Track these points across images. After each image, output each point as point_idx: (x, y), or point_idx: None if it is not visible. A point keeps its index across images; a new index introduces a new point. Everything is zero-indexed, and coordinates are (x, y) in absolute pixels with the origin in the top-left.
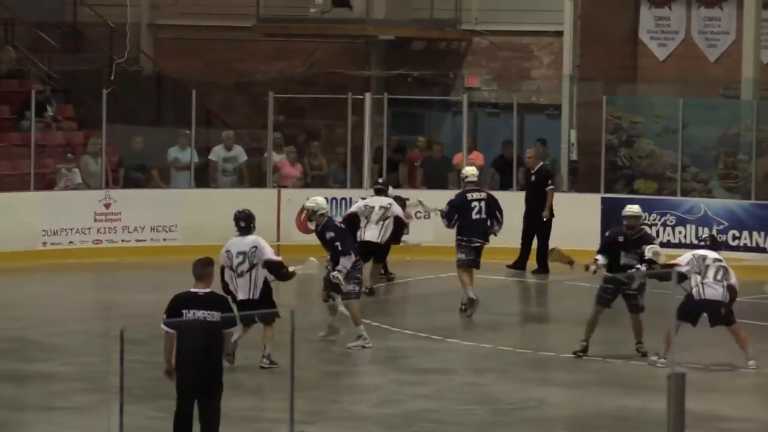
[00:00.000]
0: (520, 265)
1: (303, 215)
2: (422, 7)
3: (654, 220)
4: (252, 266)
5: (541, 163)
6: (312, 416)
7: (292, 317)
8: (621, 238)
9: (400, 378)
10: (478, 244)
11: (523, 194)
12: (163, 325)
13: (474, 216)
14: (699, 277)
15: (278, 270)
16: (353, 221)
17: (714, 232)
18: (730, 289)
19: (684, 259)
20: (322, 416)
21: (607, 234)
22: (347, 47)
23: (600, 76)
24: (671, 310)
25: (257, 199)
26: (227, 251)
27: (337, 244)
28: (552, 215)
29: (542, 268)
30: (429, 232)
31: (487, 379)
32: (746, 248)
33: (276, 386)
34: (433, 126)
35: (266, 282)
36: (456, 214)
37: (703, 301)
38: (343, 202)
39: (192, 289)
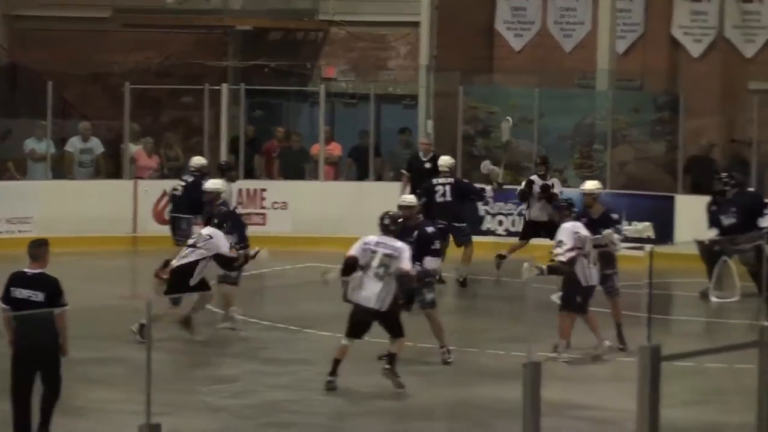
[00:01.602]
0: None
1: (159, 206)
2: None
3: (510, 209)
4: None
5: (434, 152)
6: (168, 407)
7: (149, 309)
8: (584, 220)
9: (257, 368)
10: (441, 226)
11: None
12: None
13: (438, 199)
14: (585, 261)
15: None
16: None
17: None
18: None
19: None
20: (179, 407)
21: None
22: (204, 38)
23: (456, 67)
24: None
25: (114, 191)
26: None
27: None
28: None
29: None
30: (287, 223)
31: (343, 368)
32: None
33: (131, 378)
34: (290, 116)
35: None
36: (424, 197)
37: (590, 287)
38: None
39: (24, 269)
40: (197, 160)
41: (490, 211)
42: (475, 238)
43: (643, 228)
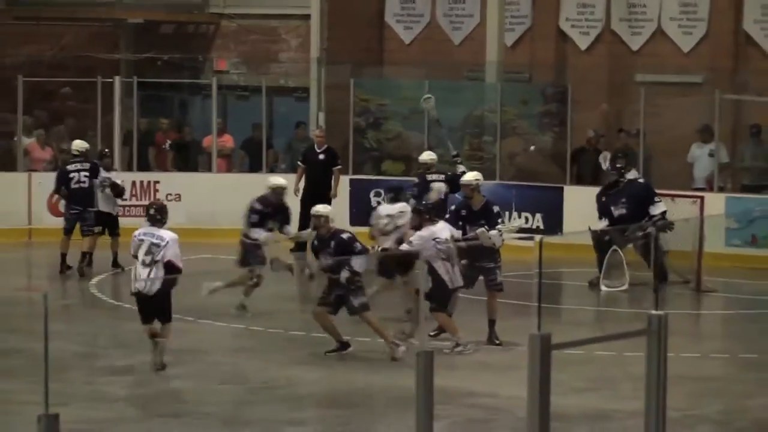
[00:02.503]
0: (304, 247)
1: (54, 198)
2: None
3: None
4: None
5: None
6: (66, 398)
7: (45, 300)
8: (464, 212)
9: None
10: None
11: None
12: None
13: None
14: (449, 264)
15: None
16: None
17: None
18: None
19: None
20: (76, 398)
21: (452, 208)
22: (97, 31)
23: (347, 59)
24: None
25: (8, 183)
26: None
27: None
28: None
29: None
30: (182, 215)
31: (240, 358)
32: None
33: (29, 369)
34: (183, 109)
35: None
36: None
37: (455, 289)
38: None
39: None
40: (80, 144)
41: (382, 202)
42: (366, 229)
43: (515, 226)
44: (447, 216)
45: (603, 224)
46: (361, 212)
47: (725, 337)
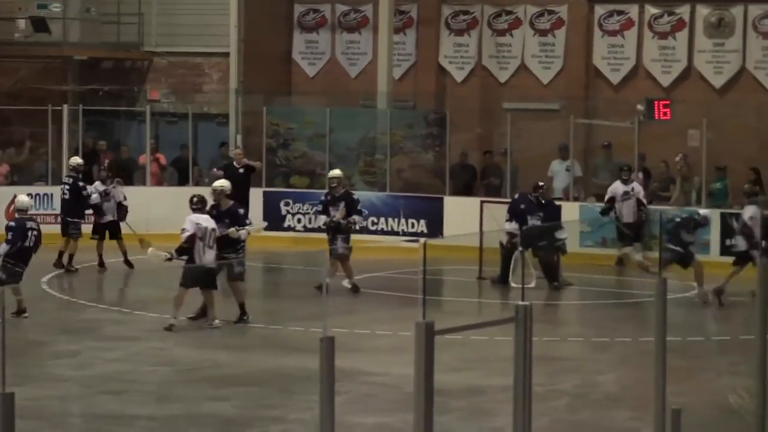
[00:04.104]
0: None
1: (11, 208)
2: (110, 32)
3: (307, 209)
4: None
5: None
6: (20, 379)
7: (2, 295)
8: (214, 212)
9: (95, 345)
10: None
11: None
12: None
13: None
14: (202, 245)
15: None
16: None
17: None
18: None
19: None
20: (30, 379)
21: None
22: (47, 66)
23: (261, 90)
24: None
25: None
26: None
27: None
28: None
29: None
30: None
31: (169, 344)
32: (383, 232)
33: None
34: (122, 132)
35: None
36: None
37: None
38: (45, 197)
39: None
40: (72, 160)
41: (291, 210)
42: (278, 234)
43: (258, 227)
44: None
45: (510, 226)
46: (272, 219)
47: (580, 323)
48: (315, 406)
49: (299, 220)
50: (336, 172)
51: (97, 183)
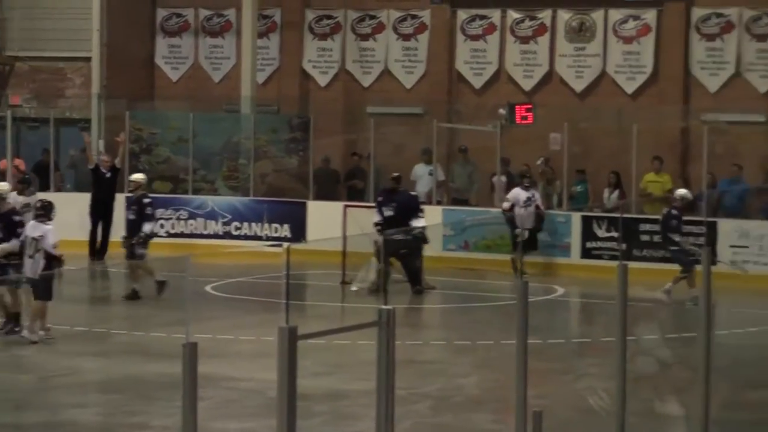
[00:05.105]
0: (100, 255)
1: None
2: None
3: (170, 215)
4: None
5: (112, 163)
6: None
7: None
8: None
9: None
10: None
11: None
12: None
13: (130, 217)
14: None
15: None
16: None
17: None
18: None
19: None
20: None
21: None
22: None
23: (124, 95)
24: None
25: None
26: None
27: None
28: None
29: (101, 255)
30: None
31: (30, 351)
32: (246, 237)
33: None
34: None
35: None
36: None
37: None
38: None
39: None
40: None
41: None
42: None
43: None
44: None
45: (377, 219)
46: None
47: (443, 327)
48: (178, 412)
49: (162, 226)
50: (135, 175)
51: None
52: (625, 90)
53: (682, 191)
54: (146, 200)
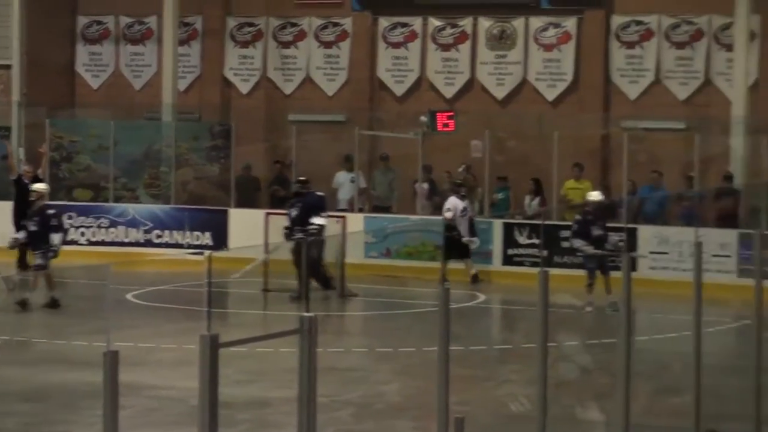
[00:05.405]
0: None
1: None
2: None
3: (91, 223)
4: None
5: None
6: None
7: None
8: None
9: None
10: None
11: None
12: None
13: (32, 228)
14: None
15: None
16: None
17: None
18: None
19: None
20: None
21: None
22: None
23: (44, 102)
24: None
25: None
26: None
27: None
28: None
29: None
30: None
31: None
32: (168, 245)
33: None
34: None
35: None
36: None
37: None
38: None
39: None
40: None
41: (74, 224)
42: (62, 247)
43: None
44: None
45: (287, 223)
46: None
47: (365, 334)
48: (100, 420)
49: (83, 234)
50: (36, 185)
51: None
52: (546, 97)
53: (590, 194)
54: (50, 211)
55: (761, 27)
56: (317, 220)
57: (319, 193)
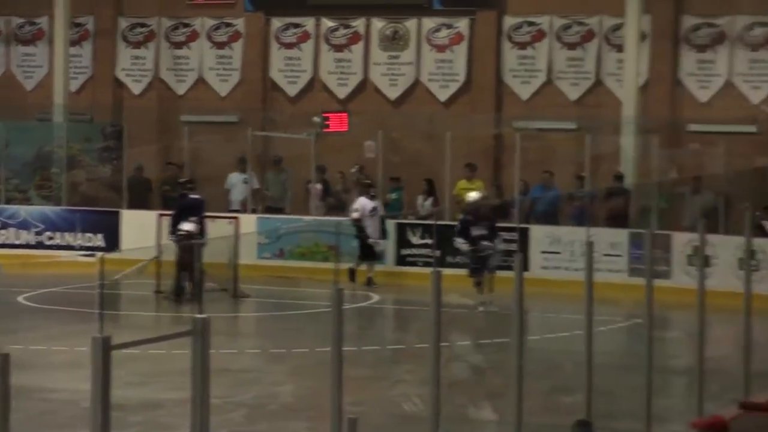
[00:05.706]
0: None
1: None
2: None
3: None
4: None
5: None
6: None
7: None
8: None
9: None
10: None
11: None
12: None
13: None
14: None
15: None
16: None
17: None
18: None
19: None
20: None
21: None
22: None
23: None
24: None
25: None
26: None
27: None
28: None
29: None
30: None
31: None
32: (59, 247)
33: None
34: None
35: None
36: None
37: None
38: None
39: None
40: None
41: None
42: None
43: None
44: None
45: (188, 227)
46: None
47: (258, 335)
48: None
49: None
50: None
51: None
52: (439, 98)
53: (468, 195)
54: None
55: (652, 27)
56: (185, 226)
57: (193, 196)
